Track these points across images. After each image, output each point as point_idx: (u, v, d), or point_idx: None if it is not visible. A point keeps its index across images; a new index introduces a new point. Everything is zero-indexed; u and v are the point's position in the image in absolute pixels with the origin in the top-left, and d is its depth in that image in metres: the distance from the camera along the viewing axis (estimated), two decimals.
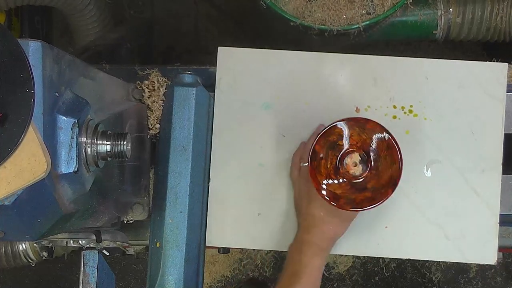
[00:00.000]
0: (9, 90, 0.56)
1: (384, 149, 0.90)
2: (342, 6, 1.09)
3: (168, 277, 0.96)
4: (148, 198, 1.05)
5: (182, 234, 0.97)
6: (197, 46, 1.76)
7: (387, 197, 0.89)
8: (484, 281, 1.87)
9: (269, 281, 1.84)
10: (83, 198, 0.73)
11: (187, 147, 0.98)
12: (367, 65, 1.06)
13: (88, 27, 1.29)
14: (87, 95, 0.74)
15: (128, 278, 1.85)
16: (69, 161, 0.67)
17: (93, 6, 1.25)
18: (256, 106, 1.06)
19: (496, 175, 1.04)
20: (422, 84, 1.05)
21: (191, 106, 0.99)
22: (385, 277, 1.85)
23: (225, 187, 1.05)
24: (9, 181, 0.58)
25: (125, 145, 0.76)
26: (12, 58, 0.57)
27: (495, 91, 1.05)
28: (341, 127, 0.90)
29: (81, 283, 0.88)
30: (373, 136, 0.90)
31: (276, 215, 1.05)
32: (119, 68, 1.08)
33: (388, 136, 0.90)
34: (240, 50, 1.07)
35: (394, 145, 0.90)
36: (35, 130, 0.59)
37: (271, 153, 1.05)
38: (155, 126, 1.03)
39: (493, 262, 1.03)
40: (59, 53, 0.67)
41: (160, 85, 1.03)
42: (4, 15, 1.22)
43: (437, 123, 1.05)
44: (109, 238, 0.98)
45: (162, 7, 1.74)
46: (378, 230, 1.04)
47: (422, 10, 1.27)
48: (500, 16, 1.26)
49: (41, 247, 1.26)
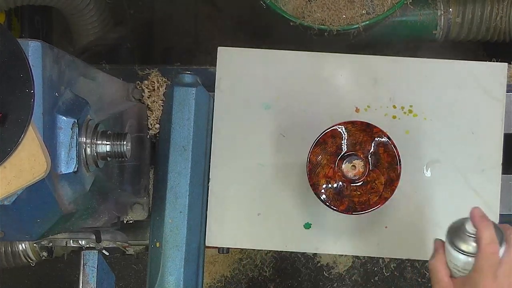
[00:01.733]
0: (9, 90, 0.56)
1: (382, 152, 0.90)
2: (342, 6, 1.09)
3: (168, 277, 0.96)
4: (148, 198, 1.05)
5: (182, 234, 0.97)
6: (197, 46, 1.76)
7: (386, 200, 0.90)
8: None
9: (269, 281, 1.84)
10: (83, 198, 0.73)
11: (187, 147, 0.98)
12: (367, 65, 1.06)
13: (88, 27, 1.29)
14: (87, 95, 0.74)
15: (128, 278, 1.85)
16: (69, 161, 0.67)
17: (93, 6, 1.25)
18: (256, 106, 1.06)
19: (496, 175, 1.04)
20: (422, 84, 1.05)
21: (191, 106, 0.99)
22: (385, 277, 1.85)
23: (225, 187, 1.05)
24: (9, 181, 0.58)
25: (125, 145, 0.76)
26: (12, 58, 0.57)
27: (495, 91, 1.05)
28: (339, 130, 0.90)
29: (81, 283, 0.88)
30: (372, 139, 0.90)
31: (276, 215, 1.05)
32: (119, 68, 1.08)
33: (386, 139, 0.90)
34: (240, 50, 1.07)
35: (392, 148, 0.90)
36: (35, 130, 0.59)
37: (271, 153, 1.05)
38: (155, 126, 1.03)
39: None
40: (59, 53, 0.67)
41: (160, 85, 1.03)
42: (4, 15, 1.22)
43: (437, 123, 1.05)
44: (109, 238, 0.98)
45: (162, 7, 1.74)
46: (378, 230, 1.04)
47: (422, 10, 1.27)
48: (500, 16, 1.26)
49: (41, 247, 1.26)
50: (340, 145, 0.91)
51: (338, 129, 0.90)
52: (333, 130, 0.90)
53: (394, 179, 0.90)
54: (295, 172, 1.04)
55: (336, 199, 0.90)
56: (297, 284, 1.82)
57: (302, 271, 1.82)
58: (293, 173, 1.05)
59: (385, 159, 0.90)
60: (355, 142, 0.90)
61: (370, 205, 0.90)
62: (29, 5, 1.15)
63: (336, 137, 0.91)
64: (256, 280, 1.85)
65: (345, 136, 0.90)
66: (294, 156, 1.04)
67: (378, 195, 0.90)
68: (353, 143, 0.90)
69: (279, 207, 1.05)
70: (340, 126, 0.90)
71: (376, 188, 0.90)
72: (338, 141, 0.91)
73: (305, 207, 1.05)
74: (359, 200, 0.90)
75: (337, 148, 0.91)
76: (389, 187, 0.90)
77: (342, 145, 0.91)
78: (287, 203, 1.05)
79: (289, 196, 1.05)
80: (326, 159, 0.91)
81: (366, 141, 0.90)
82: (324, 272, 1.82)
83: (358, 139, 0.90)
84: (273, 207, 1.05)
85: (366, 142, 0.90)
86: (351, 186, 0.90)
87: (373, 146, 0.90)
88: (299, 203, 1.05)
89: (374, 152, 0.90)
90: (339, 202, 0.90)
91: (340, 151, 0.91)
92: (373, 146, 0.90)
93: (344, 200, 0.90)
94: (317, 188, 0.91)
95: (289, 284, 1.82)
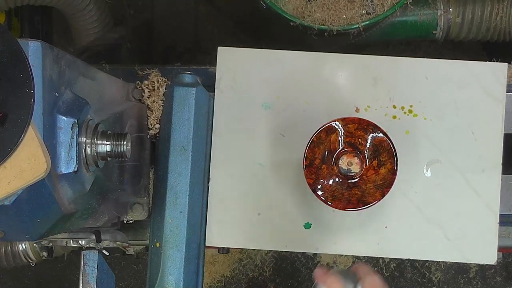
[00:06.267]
0: (9, 90, 0.56)
1: (379, 148, 0.90)
2: (342, 6, 1.09)
3: (168, 277, 0.96)
4: (148, 198, 1.05)
5: (182, 234, 0.97)
6: (197, 46, 1.76)
7: (382, 196, 0.90)
8: (484, 281, 1.87)
9: (269, 281, 1.84)
10: (83, 198, 0.73)
11: (187, 147, 0.98)
12: (367, 65, 1.06)
13: (88, 27, 1.29)
14: (87, 95, 0.74)
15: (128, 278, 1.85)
16: (69, 161, 0.67)
17: (93, 6, 1.25)
18: (256, 106, 1.06)
19: (496, 175, 1.04)
20: (422, 84, 1.05)
21: (191, 106, 0.99)
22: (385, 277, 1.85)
23: (225, 187, 1.05)
24: (9, 181, 0.58)
25: (125, 145, 0.76)
26: (12, 58, 0.57)
27: (495, 91, 1.05)
28: (336, 127, 0.91)
29: (81, 283, 0.88)
30: (368, 136, 0.90)
31: (276, 215, 1.05)
32: (119, 68, 1.08)
33: (382, 135, 0.90)
34: (240, 50, 1.07)
35: (389, 144, 0.90)
36: (35, 130, 0.59)
37: (271, 153, 1.05)
38: (155, 126, 1.03)
39: (493, 262, 1.03)
40: (59, 53, 0.67)
41: (160, 85, 1.03)
42: (4, 15, 1.22)
43: (437, 123, 1.05)
44: (109, 238, 0.98)
45: (162, 7, 1.74)
46: (378, 230, 1.04)
47: (422, 10, 1.27)
48: (500, 16, 1.26)
49: (41, 247, 1.26)
50: (336, 142, 0.91)
51: (334, 125, 0.90)
52: (329, 127, 0.90)
53: (391, 175, 0.90)
54: (295, 172, 1.04)
55: (333, 196, 0.90)
56: (297, 284, 1.82)
57: (302, 271, 1.82)
58: (293, 173, 1.05)
59: (382, 154, 0.90)
60: (351, 139, 0.90)
61: (367, 202, 0.90)
62: (29, 5, 1.15)
63: (332, 134, 0.91)
64: (256, 280, 1.85)
65: (341, 132, 0.90)
66: (294, 156, 1.04)
67: (375, 191, 0.90)
68: (349, 140, 0.90)
69: (279, 207, 1.05)
70: (336, 122, 0.90)
71: (373, 184, 0.90)
72: (334, 137, 0.91)
73: (305, 207, 1.05)
74: (356, 197, 0.90)
75: (333, 144, 0.91)
76: (386, 183, 0.90)
77: (338, 141, 0.91)
78: (287, 203, 1.05)
79: (289, 196, 1.05)
80: (323, 155, 0.91)
81: (362, 137, 0.90)
82: None
83: (354, 135, 0.90)
84: (273, 207, 1.05)
85: (362, 138, 0.90)
86: (347, 182, 0.90)
87: (369, 142, 0.90)
88: (299, 203, 1.05)
89: (370, 148, 0.90)
90: (336, 199, 0.90)
91: (336, 147, 0.91)
92: (369, 142, 0.90)
93: (341, 196, 0.90)
94: (314, 185, 0.91)
95: (289, 284, 1.82)
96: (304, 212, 1.05)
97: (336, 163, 0.90)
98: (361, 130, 0.90)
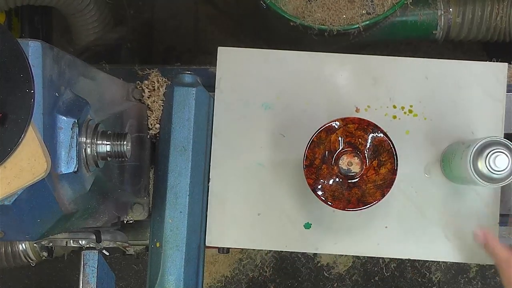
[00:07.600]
0: (9, 90, 0.56)
1: (379, 148, 0.90)
2: (342, 6, 1.10)
3: (168, 277, 0.96)
4: (148, 198, 1.06)
5: (182, 234, 0.97)
6: (197, 46, 1.76)
7: (382, 196, 0.90)
8: (484, 281, 1.87)
9: (269, 281, 1.84)
10: (83, 198, 0.73)
11: (187, 147, 0.98)
12: (367, 65, 1.06)
13: (88, 27, 1.29)
14: (87, 95, 0.74)
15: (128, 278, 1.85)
16: (69, 161, 0.67)
17: (93, 6, 1.25)
18: (256, 106, 1.06)
19: None
20: (422, 84, 1.05)
21: (191, 106, 0.99)
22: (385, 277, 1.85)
23: (225, 187, 1.05)
24: (9, 181, 0.58)
25: (125, 145, 0.76)
26: (12, 58, 0.57)
27: (495, 91, 1.05)
28: (336, 127, 0.91)
29: (81, 283, 0.88)
30: (368, 136, 0.90)
31: (276, 215, 1.05)
32: (119, 68, 1.08)
33: (382, 135, 0.90)
34: (240, 50, 1.07)
35: (389, 144, 0.90)
36: (35, 130, 0.59)
37: (271, 153, 1.05)
38: (155, 126, 1.03)
39: (493, 262, 1.03)
40: (59, 53, 0.67)
41: (160, 85, 1.03)
42: (4, 15, 1.22)
43: (437, 123, 1.05)
44: (109, 238, 0.98)
45: (162, 7, 1.74)
46: (378, 230, 1.04)
47: (422, 10, 1.27)
48: (500, 16, 1.26)
49: (41, 247, 1.26)
50: (336, 142, 0.91)
51: (334, 125, 0.90)
52: (329, 127, 0.90)
53: (391, 175, 0.90)
54: (295, 172, 1.04)
55: (333, 196, 0.90)
56: (297, 284, 1.82)
57: (302, 271, 1.82)
58: (293, 173, 1.05)
59: (382, 154, 0.90)
60: (351, 139, 0.90)
61: (367, 202, 0.90)
62: (29, 5, 1.15)
63: (332, 134, 0.91)
64: (256, 280, 1.85)
65: (341, 132, 0.90)
66: (294, 156, 1.04)
67: (375, 191, 0.90)
68: (350, 140, 0.90)
69: (279, 207, 1.05)
70: (336, 122, 0.90)
71: (373, 184, 0.90)
72: (334, 137, 0.91)
73: (305, 207, 1.05)
74: (356, 197, 0.90)
75: (333, 144, 0.91)
76: (386, 183, 0.90)
77: (338, 141, 0.91)
78: (287, 203, 1.05)
79: (289, 196, 1.05)
80: (323, 155, 0.91)
81: (362, 137, 0.90)
82: (324, 272, 1.82)
83: (354, 135, 0.90)
84: (273, 207, 1.05)
85: (362, 138, 0.90)
86: (347, 182, 0.90)
87: (369, 142, 0.90)
88: (299, 203, 1.05)
89: (370, 148, 0.90)
90: (336, 199, 0.90)
91: (336, 147, 0.91)
92: (369, 142, 0.90)
93: (341, 196, 0.90)
94: (314, 185, 0.91)
95: (289, 284, 1.82)
96: (304, 212, 1.05)
97: (336, 163, 0.90)
98: (361, 130, 0.90)
